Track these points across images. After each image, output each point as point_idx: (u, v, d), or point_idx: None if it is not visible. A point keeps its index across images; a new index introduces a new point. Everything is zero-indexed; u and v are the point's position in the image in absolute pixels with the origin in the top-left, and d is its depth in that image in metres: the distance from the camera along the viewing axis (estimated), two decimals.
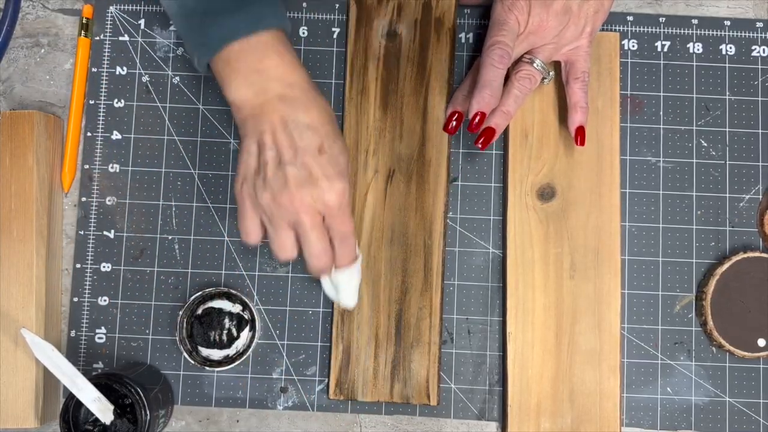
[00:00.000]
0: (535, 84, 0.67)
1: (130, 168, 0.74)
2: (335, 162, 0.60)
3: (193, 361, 0.69)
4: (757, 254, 0.70)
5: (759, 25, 0.75)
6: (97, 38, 0.75)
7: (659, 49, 0.75)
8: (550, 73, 0.68)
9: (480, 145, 0.66)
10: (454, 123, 0.68)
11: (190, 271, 0.73)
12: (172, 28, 0.75)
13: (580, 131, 0.68)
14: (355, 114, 0.72)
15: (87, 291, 0.72)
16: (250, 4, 0.59)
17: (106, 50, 0.75)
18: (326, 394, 0.71)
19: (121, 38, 0.75)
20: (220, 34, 0.59)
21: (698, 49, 0.75)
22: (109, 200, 0.73)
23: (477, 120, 0.64)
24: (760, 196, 0.73)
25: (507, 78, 0.67)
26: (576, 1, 0.65)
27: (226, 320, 0.71)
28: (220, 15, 0.59)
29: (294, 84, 0.60)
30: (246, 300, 0.69)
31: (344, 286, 0.65)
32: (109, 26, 0.75)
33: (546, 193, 0.71)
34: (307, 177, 0.59)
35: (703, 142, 0.74)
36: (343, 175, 0.60)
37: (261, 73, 0.59)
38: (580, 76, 0.68)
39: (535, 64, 0.67)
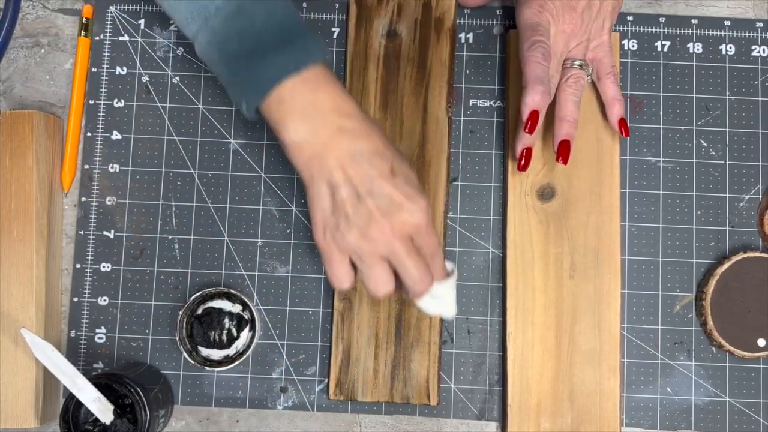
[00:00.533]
0: (584, 85, 0.68)
1: (130, 168, 0.74)
2: (410, 180, 0.57)
3: (193, 361, 0.69)
4: (757, 254, 0.70)
5: (759, 25, 0.75)
6: (97, 38, 0.75)
7: (659, 49, 0.75)
8: (590, 69, 0.69)
9: (562, 161, 0.66)
10: (525, 160, 0.68)
11: (190, 271, 0.73)
12: (172, 28, 0.75)
13: (623, 123, 0.69)
14: None
15: (87, 291, 0.72)
16: (296, 38, 0.56)
17: (106, 50, 0.75)
18: (326, 394, 0.71)
19: (121, 38, 0.75)
20: (269, 73, 0.55)
21: (698, 49, 0.75)
22: (109, 200, 0.73)
23: (531, 121, 0.63)
24: (760, 196, 0.73)
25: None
26: None
27: (226, 320, 0.71)
28: (268, 54, 0.55)
29: (350, 114, 0.57)
30: (246, 300, 0.69)
31: (447, 298, 0.62)
32: (109, 26, 0.75)
33: (546, 193, 0.71)
34: (389, 204, 0.56)
35: (703, 142, 0.74)
36: (421, 191, 0.57)
37: (316, 106, 0.56)
38: (610, 70, 0.69)
39: (577, 65, 0.67)
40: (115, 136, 0.74)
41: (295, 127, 0.56)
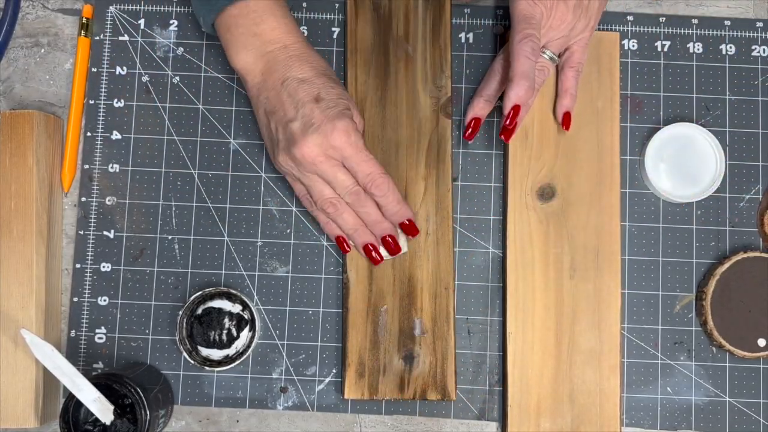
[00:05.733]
0: (548, 75, 0.69)
1: (129, 168, 0.74)
2: (334, 105, 0.62)
3: (192, 361, 0.68)
4: (757, 254, 0.70)
5: (759, 24, 0.75)
6: (97, 38, 0.75)
7: (659, 48, 0.75)
8: (558, 61, 0.70)
9: (504, 137, 0.66)
10: (471, 130, 0.69)
11: (189, 270, 0.73)
12: (172, 28, 0.75)
13: (567, 117, 0.70)
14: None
15: (87, 291, 0.72)
16: None
17: (106, 50, 0.75)
18: (342, 394, 0.71)
19: (120, 38, 0.75)
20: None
21: (698, 49, 0.75)
22: (108, 200, 0.73)
23: (512, 113, 0.64)
24: (760, 196, 0.73)
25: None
26: None
27: (226, 320, 0.71)
28: None
29: (289, 46, 0.63)
30: (246, 300, 0.69)
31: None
32: (108, 26, 0.75)
33: (546, 193, 0.71)
34: (308, 126, 0.61)
35: None
36: (344, 115, 0.62)
37: (258, 36, 0.63)
38: (575, 65, 0.69)
39: (547, 56, 0.68)
40: (115, 136, 0.74)
41: (237, 52, 0.64)
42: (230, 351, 0.70)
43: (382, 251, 0.68)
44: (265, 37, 0.63)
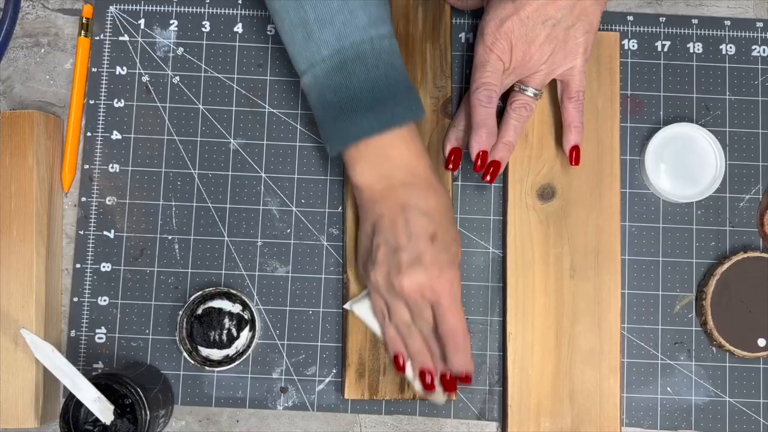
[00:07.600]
0: (531, 111, 0.67)
1: (130, 168, 0.74)
2: (446, 250, 0.61)
3: (193, 361, 0.69)
4: (757, 254, 0.70)
5: (759, 24, 0.75)
6: (97, 38, 0.75)
7: (659, 48, 0.75)
8: (542, 93, 0.68)
9: (488, 180, 0.67)
10: (452, 164, 0.69)
11: (190, 271, 0.73)
12: (172, 28, 0.75)
13: (575, 150, 0.68)
14: None
15: (87, 291, 0.72)
16: (386, 101, 0.59)
17: (106, 50, 0.75)
18: (342, 394, 0.71)
19: (121, 38, 0.75)
20: (354, 131, 0.60)
21: (698, 49, 0.75)
22: (109, 200, 0.73)
23: (480, 160, 0.65)
24: (761, 196, 0.73)
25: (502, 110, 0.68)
26: (561, 27, 0.63)
27: (226, 320, 0.71)
28: (356, 113, 0.59)
29: (417, 173, 0.61)
30: (246, 300, 0.69)
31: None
32: (109, 26, 0.75)
33: (546, 193, 0.71)
34: (417, 263, 0.59)
35: None
36: (453, 264, 0.61)
37: (387, 160, 0.61)
38: (574, 95, 0.67)
39: (527, 93, 0.67)
40: (115, 136, 0.74)
41: (362, 172, 0.61)
42: (230, 351, 0.71)
43: (437, 382, 0.65)
44: (393, 162, 0.61)
